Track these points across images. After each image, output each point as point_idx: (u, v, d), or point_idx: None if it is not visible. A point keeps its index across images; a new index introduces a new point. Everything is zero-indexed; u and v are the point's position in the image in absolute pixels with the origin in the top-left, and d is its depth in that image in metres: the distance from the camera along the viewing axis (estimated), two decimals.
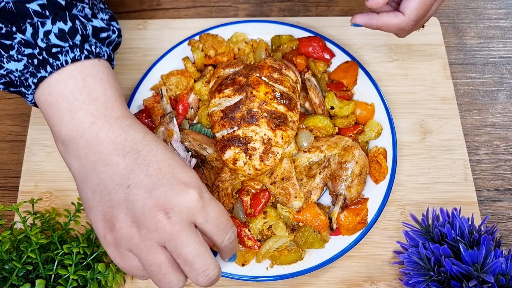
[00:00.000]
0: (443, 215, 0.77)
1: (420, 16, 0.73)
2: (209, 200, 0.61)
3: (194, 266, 0.59)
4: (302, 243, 0.78)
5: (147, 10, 1.06)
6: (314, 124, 0.85)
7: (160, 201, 0.58)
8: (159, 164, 0.60)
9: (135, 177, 0.59)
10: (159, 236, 0.58)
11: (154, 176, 0.59)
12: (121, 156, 0.61)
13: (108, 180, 0.60)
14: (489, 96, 0.98)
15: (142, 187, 0.59)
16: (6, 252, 0.71)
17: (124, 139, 0.62)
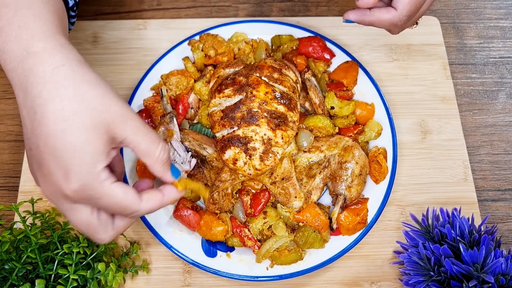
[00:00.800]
0: (443, 215, 0.77)
1: (413, 11, 0.73)
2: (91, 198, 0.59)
3: (83, 233, 0.63)
4: (302, 243, 0.78)
5: (147, 10, 1.06)
6: (314, 124, 0.85)
7: (44, 183, 0.59)
8: (46, 141, 0.56)
9: (32, 144, 0.58)
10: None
11: (40, 153, 0.57)
12: (25, 111, 0.58)
13: (24, 130, 0.60)
14: (489, 96, 0.98)
15: (34, 158, 0.58)
16: (6, 252, 0.71)
17: (24, 89, 0.57)
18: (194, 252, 0.79)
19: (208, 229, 0.79)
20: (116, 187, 0.59)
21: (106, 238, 0.63)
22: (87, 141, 0.56)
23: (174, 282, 0.80)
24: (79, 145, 0.56)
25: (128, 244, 0.82)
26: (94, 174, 0.57)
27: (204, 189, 0.73)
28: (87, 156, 0.56)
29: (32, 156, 0.59)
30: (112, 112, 0.58)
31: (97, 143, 0.57)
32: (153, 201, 0.64)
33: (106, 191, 0.58)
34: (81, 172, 0.56)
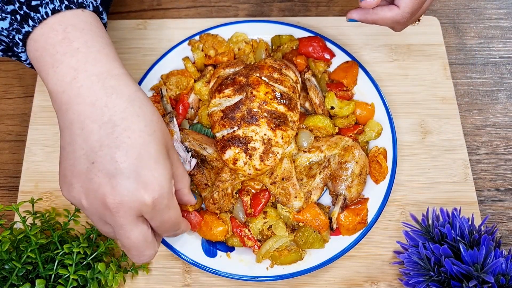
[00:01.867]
0: (443, 215, 0.77)
1: (415, 8, 0.74)
2: (164, 207, 0.61)
3: (129, 252, 0.63)
4: (302, 243, 0.78)
5: (147, 10, 1.06)
6: (314, 124, 0.85)
7: (114, 192, 0.58)
8: (128, 151, 0.58)
9: (102, 156, 0.58)
10: (105, 220, 0.62)
11: (118, 163, 0.58)
12: (97, 125, 0.59)
13: (78, 145, 0.59)
14: (489, 96, 0.98)
15: (104, 170, 0.58)
16: (6, 252, 0.71)
17: (104, 104, 0.59)
18: (194, 252, 0.79)
19: (208, 229, 0.79)
20: (176, 201, 0.66)
21: (152, 255, 0.65)
22: (164, 155, 0.62)
23: (174, 282, 0.80)
24: (159, 157, 0.60)
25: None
26: (170, 186, 0.62)
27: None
28: (165, 168, 0.61)
29: (95, 169, 0.58)
30: (169, 136, 0.66)
31: (168, 159, 0.63)
32: (186, 223, 0.73)
33: (175, 203, 0.64)
34: (162, 181, 0.60)
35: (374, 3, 0.72)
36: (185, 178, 0.71)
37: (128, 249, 0.63)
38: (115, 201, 0.58)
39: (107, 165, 0.58)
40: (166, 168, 0.61)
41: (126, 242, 0.61)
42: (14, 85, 0.97)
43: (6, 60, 0.99)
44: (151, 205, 0.59)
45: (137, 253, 0.63)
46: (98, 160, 0.58)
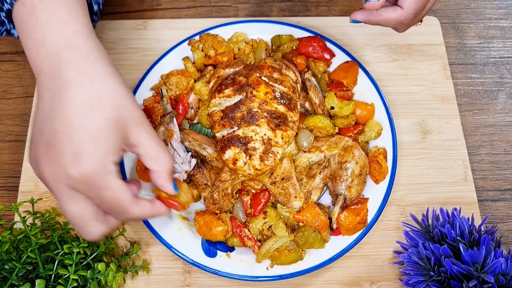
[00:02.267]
0: (443, 215, 0.77)
1: (419, 9, 0.74)
2: (96, 185, 0.60)
3: (73, 227, 0.64)
4: (302, 243, 0.78)
5: (147, 10, 1.06)
6: (314, 124, 0.85)
7: (49, 163, 0.59)
8: (66, 122, 0.59)
9: (46, 126, 0.60)
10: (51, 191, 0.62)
11: (57, 134, 0.59)
12: (48, 95, 0.61)
13: (36, 115, 0.62)
14: (489, 96, 0.98)
15: (45, 140, 0.59)
16: (6, 252, 0.71)
17: (57, 76, 0.60)
18: (194, 252, 0.79)
19: (208, 229, 0.79)
20: (119, 183, 0.61)
21: (96, 233, 0.64)
22: (106, 131, 0.59)
23: (174, 282, 0.80)
24: (98, 132, 0.59)
25: (128, 244, 0.82)
26: (105, 163, 0.59)
27: (190, 201, 0.74)
28: (103, 145, 0.59)
29: (40, 138, 0.60)
30: (132, 113, 0.62)
31: (114, 136, 0.60)
32: (145, 208, 0.66)
33: (110, 183, 0.60)
34: (93, 157, 0.58)
35: (379, 4, 0.72)
36: (162, 160, 0.66)
37: (70, 223, 0.63)
38: (49, 172, 0.59)
39: (48, 135, 0.59)
40: (104, 144, 0.59)
41: (66, 216, 0.62)
42: (14, 85, 0.97)
43: (6, 60, 0.99)
44: (80, 179, 0.58)
45: (79, 229, 0.63)
46: (44, 129, 0.60)
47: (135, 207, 0.64)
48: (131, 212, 0.64)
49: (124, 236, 0.81)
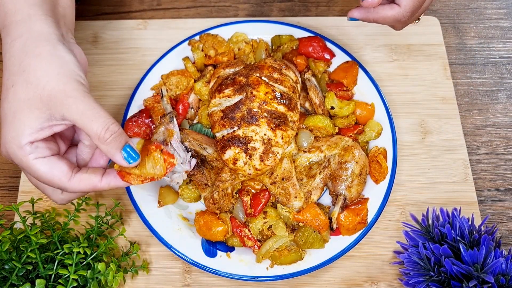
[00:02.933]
0: (443, 215, 0.77)
1: (416, 7, 0.74)
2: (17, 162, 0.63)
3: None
4: (302, 243, 0.78)
5: (147, 10, 1.06)
6: (314, 124, 0.85)
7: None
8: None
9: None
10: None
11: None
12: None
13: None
14: (489, 96, 0.98)
15: None
16: (6, 252, 0.71)
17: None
18: (194, 252, 0.79)
19: (208, 229, 0.79)
20: (41, 162, 0.62)
21: (57, 200, 0.69)
22: (16, 112, 0.61)
23: (174, 282, 0.80)
24: (8, 115, 0.61)
25: (128, 244, 0.82)
26: (18, 145, 0.61)
27: (160, 172, 0.67)
28: (13, 127, 0.61)
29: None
30: (53, 89, 0.61)
31: (25, 117, 0.61)
32: (85, 182, 0.65)
33: (29, 164, 0.62)
34: (5, 141, 0.62)
35: (376, 2, 0.73)
36: (91, 128, 0.62)
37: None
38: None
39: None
40: (14, 127, 0.61)
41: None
42: None
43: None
44: (7, 159, 0.63)
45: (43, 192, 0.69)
46: None
47: (72, 183, 0.64)
48: (66, 187, 0.64)
49: (124, 236, 0.81)
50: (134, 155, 0.66)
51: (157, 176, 0.67)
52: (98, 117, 0.62)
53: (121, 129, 0.64)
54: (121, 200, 0.83)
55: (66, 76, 0.62)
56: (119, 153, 0.65)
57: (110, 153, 0.65)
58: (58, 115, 0.62)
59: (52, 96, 0.61)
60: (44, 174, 0.63)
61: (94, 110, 0.62)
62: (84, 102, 0.62)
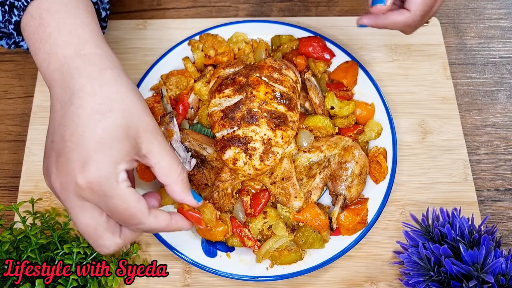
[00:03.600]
0: (443, 215, 0.77)
1: (426, 11, 0.73)
2: (104, 194, 0.57)
3: (85, 238, 0.61)
4: (302, 243, 0.78)
5: (147, 10, 1.06)
6: (314, 124, 0.85)
7: (57, 172, 0.58)
8: (75, 130, 0.57)
9: (57, 135, 0.58)
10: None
11: (65, 142, 0.57)
12: (60, 106, 0.59)
13: (49, 125, 0.61)
14: (489, 96, 0.98)
15: (56, 150, 0.58)
16: (6, 252, 0.71)
17: (67, 85, 0.59)
18: (194, 252, 0.79)
19: (208, 229, 0.79)
20: (131, 192, 0.59)
21: (111, 246, 0.61)
22: (116, 138, 0.57)
23: (174, 282, 0.80)
24: (108, 139, 0.57)
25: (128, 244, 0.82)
26: (114, 171, 0.57)
27: (214, 219, 0.73)
28: (112, 152, 0.57)
29: (51, 149, 0.59)
30: (145, 121, 0.60)
31: (124, 143, 0.58)
32: (161, 220, 0.63)
33: (120, 192, 0.58)
34: (101, 165, 0.56)
35: (385, 8, 0.71)
36: (174, 173, 0.63)
37: (82, 235, 0.61)
38: (59, 182, 0.58)
39: (58, 145, 0.58)
40: (112, 151, 0.57)
41: (78, 228, 0.60)
42: (14, 85, 0.97)
43: (6, 60, 0.99)
44: (88, 188, 0.56)
45: (92, 242, 0.61)
46: (54, 139, 0.59)
47: (151, 218, 0.61)
48: (145, 222, 0.60)
49: None
50: (198, 197, 0.67)
51: (211, 223, 0.73)
52: (176, 158, 0.63)
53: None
54: None
55: (148, 110, 0.62)
56: (190, 194, 0.65)
57: (184, 192, 0.64)
58: (145, 150, 0.61)
59: (145, 129, 0.60)
60: (132, 204, 0.59)
61: (172, 151, 0.64)
62: (166, 142, 0.63)
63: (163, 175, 0.63)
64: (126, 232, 0.63)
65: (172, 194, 0.65)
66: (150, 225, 0.61)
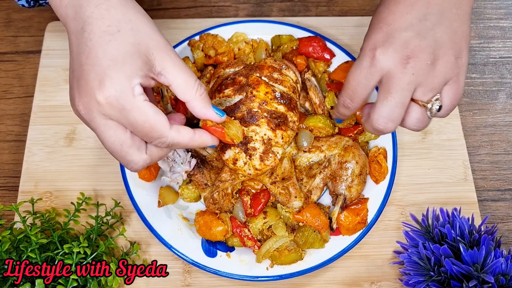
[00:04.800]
0: (443, 215, 0.77)
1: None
2: (123, 108, 0.60)
3: (114, 156, 0.64)
4: (302, 243, 0.78)
5: (147, 10, 1.05)
6: (314, 124, 0.85)
7: (79, 95, 0.60)
8: (89, 53, 0.60)
9: (75, 64, 0.61)
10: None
11: (83, 66, 0.60)
12: (75, 36, 0.62)
13: (70, 59, 0.63)
14: (489, 96, 0.98)
15: (76, 77, 0.61)
16: (6, 252, 0.72)
17: (79, 16, 0.62)
18: (194, 252, 0.79)
19: (208, 229, 0.79)
20: (149, 105, 0.61)
21: (139, 162, 0.63)
22: (128, 54, 0.60)
23: (174, 282, 0.80)
24: (120, 56, 0.59)
25: (128, 244, 0.82)
26: (129, 85, 0.59)
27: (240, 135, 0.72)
28: (126, 67, 0.59)
29: (73, 78, 0.62)
30: (155, 39, 0.62)
31: (136, 59, 0.60)
32: (184, 133, 0.64)
33: (138, 104, 0.60)
34: (117, 79, 0.58)
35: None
36: (192, 89, 0.64)
37: (111, 154, 0.63)
38: (82, 105, 0.60)
39: (77, 71, 0.61)
40: (126, 66, 0.59)
41: (106, 147, 0.63)
42: (14, 85, 0.97)
43: (6, 60, 0.99)
44: (106, 104, 0.59)
45: (119, 158, 0.63)
46: (74, 68, 0.62)
47: (173, 132, 0.63)
48: (167, 135, 0.62)
49: (124, 236, 0.81)
50: (220, 112, 0.67)
51: (238, 139, 0.71)
52: (192, 74, 0.64)
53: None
54: (121, 200, 0.83)
55: (157, 29, 0.64)
56: (212, 108, 0.66)
57: (204, 108, 0.65)
58: (159, 67, 0.62)
59: (156, 47, 0.62)
60: (152, 117, 0.61)
61: (187, 68, 0.65)
62: (180, 60, 0.64)
63: (181, 92, 0.64)
64: (152, 148, 0.64)
65: (193, 111, 0.66)
66: (173, 138, 0.63)
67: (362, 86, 0.67)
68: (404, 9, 0.64)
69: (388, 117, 0.65)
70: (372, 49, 0.65)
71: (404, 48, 0.63)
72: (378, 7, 0.69)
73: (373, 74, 0.65)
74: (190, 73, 0.64)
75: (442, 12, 0.63)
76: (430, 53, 0.63)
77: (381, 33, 0.65)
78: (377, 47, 0.64)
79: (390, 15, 0.65)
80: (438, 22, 0.63)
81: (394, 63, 0.63)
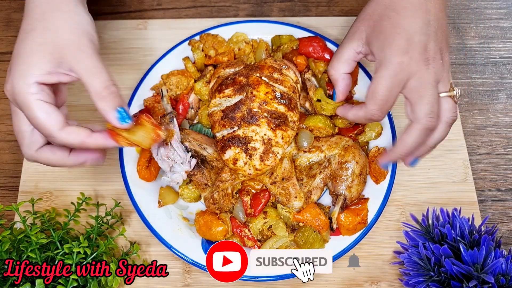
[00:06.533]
0: (443, 215, 0.77)
1: (381, 105, 0.74)
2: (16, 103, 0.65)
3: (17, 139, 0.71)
4: (302, 243, 0.78)
5: (147, 10, 1.06)
6: (314, 124, 0.85)
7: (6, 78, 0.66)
8: (14, 48, 0.66)
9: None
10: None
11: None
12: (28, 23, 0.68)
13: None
14: (489, 96, 0.98)
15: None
16: (6, 252, 0.71)
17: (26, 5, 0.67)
18: (194, 252, 0.79)
19: (208, 229, 0.79)
20: (42, 105, 0.64)
21: (26, 153, 0.69)
22: (30, 52, 0.64)
23: (174, 282, 0.80)
24: (24, 54, 0.65)
25: (128, 244, 0.82)
26: (24, 83, 0.63)
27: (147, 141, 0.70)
28: (25, 65, 0.64)
29: None
30: (66, 38, 0.66)
31: (40, 58, 0.64)
32: (74, 135, 0.66)
33: (29, 103, 0.63)
34: (15, 76, 0.64)
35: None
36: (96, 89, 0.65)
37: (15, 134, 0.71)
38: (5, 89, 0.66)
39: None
40: (24, 65, 0.64)
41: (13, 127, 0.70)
42: None
43: (6, 60, 0.99)
44: (9, 96, 0.65)
45: (19, 143, 0.70)
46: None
47: (62, 133, 0.65)
48: (56, 136, 0.65)
49: (124, 236, 0.81)
50: (127, 118, 0.67)
51: (143, 145, 0.71)
52: (100, 75, 0.66)
53: (119, 91, 0.67)
54: (121, 200, 0.83)
55: (82, 32, 0.67)
56: (113, 112, 0.66)
57: (104, 110, 0.66)
58: (67, 65, 0.65)
59: (65, 46, 0.65)
60: (40, 116, 0.64)
61: (98, 68, 0.66)
62: (91, 59, 0.66)
63: (89, 91, 0.66)
64: (46, 150, 0.69)
65: (99, 112, 0.67)
66: (62, 139, 0.65)
67: (394, 94, 0.73)
68: (411, 14, 0.71)
69: (431, 113, 0.72)
70: (399, 55, 0.70)
71: (424, 51, 0.70)
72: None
73: (403, 79, 0.71)
74: (98, 73, 0.66)
75: (438, 19, 0.72)
76: (439, 52, 0.72)
77: (400, 39, 0.70)
78: (403, 53, 0.70)
79: (401, 19, 0.71)
80: (437, 26, 0.72)
81: (419, 66, 0.70)
